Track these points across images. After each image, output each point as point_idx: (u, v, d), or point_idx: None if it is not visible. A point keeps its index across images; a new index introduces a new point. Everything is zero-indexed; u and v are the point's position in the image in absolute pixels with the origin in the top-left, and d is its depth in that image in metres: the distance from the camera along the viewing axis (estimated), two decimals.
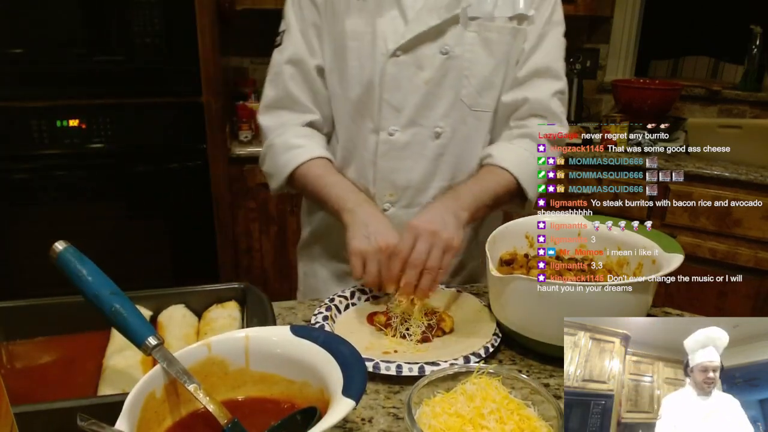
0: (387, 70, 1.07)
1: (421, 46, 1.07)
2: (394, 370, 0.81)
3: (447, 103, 1.10)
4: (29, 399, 0.71)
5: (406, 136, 1.11)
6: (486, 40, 1.08)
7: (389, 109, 1.10)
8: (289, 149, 1.12)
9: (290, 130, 1.14)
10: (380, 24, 1.07)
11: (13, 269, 2.31)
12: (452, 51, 1.07)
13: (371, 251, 0.97)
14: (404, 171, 1.13)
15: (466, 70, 1.09)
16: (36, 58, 2.16)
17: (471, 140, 1.14)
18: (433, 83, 1.08)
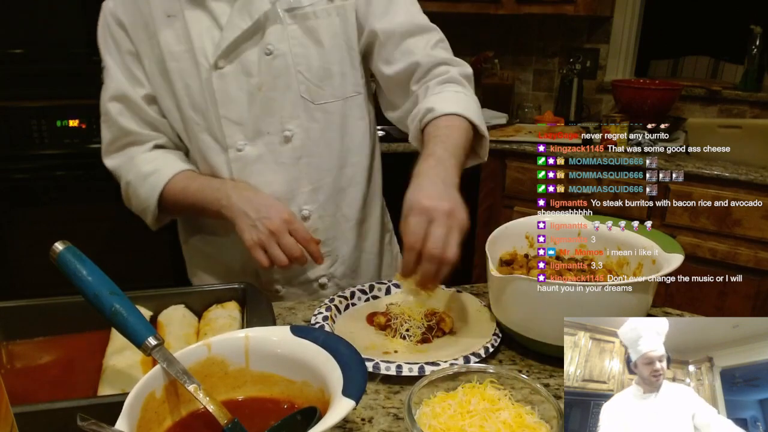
0: (214, 86, 1.02)
1: (243, 52, 1.01)
2: (394, 370, 0.81)
3: (288, 104, 1.04)
4: (29, 399, 0.72)
5: (257, 148, 1.05)
6: (309, 29, 1.03)
7: (230, 125, 1.04)
8: (146, 179, 1.07)
9: (139, 160, 1.08)
10: (196, 39, 1.01)
11: (13, 269, 2.31)
12: (276, 49, 1.02)
13: (265, 239, 0.97)
14: (265, 185, 1.06)
15: (297, 65, 1.03)
16: (36, 58, 2.16)
17: (326, 135, 1.08)
18: (266, 87, 1.03)
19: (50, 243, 0.68)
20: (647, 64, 3.45)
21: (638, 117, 2.56)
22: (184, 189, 1.06)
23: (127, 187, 1.11)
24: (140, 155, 1.09)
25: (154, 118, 1.09)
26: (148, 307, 0.86)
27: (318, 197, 1.11)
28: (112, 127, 1.10)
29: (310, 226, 1.10)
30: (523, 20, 3.03)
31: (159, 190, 1.06)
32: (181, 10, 1.01)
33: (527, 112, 3.01)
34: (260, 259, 0.98)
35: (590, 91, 2.99)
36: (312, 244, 1.01)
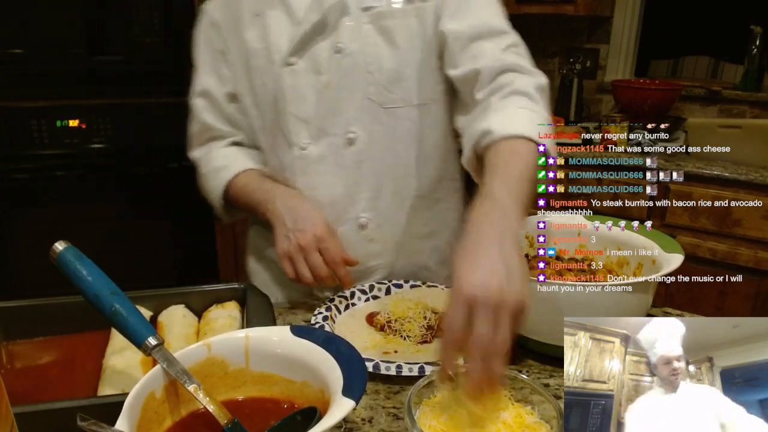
0: (285, 82, 1.02)
1: (314, 48, 1.00)
2: (394, 370, 0.81)
3: (354, 105, 1.01)
4: (29, 399, 0.72)
5: (319, 148, 1.04)
6: (384, 29, 0.99)
7: (296, 122, 1.03)
8: (216, 173, 1.11)
9: (214, 154, 1.12)
10: (273, 36, 1.01)
11: (13, 269, 2.31)
12: (347, 48, 0.99)
13: (294, 251, 0.97)
14: (324, 186, 1.05)
15: (368, 66, 1.00)
16: (36, 58, 2.16)
17: (393, 141, 1.04)
18: (334, 86, 1.01)
19: (50, 243, 0.68)
20: (647, 64, 3.45)
21: (638, 117, 2.56)
22: (244, 187, 1.08)
23: (202, 180, 1.15)
24: (216, 150, 1.13)
25: (233, 115, 1.12)
26: (148, 307, 0.86)
27: (378, 205, 1.07)
28: (196, 122, 1.14)
29: (368, 235, 1.07)
30: (523, 20, 3.03)
31: (224, 184, 1.09)
32: (264, 8, 1.03)
33: None
34: (287, 270, 0.98)
35: (590, 91, 2.99)
36: (340, 267, 0.98)
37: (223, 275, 2.52)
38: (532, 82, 0.94)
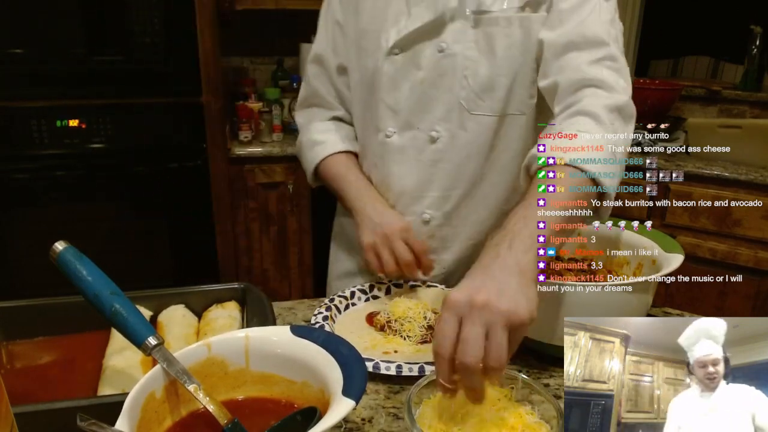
0: (384, 69, 1.05)
1: (419, 43, 1.02)
2: (394, 370, 0.81)
3: (444, 105, 1.03)
4: (29, 399, 0.71)
5: (402, 139, 1.07)
6: (489, 36, 0.98)
7: (386, 110, 1.07)
8: (312, 146, 1.17)
9: (314, 127, 1.18)
10: (387, 22, 1.04)
11: (13, 269, 2.31)
12: (449, 49, 1.00)
13: (379, 241, 1.02)
14: (399, 176, 1.09)
15: (465, 69, 1.00)
16: (36, 58, 2.16)
17: (471, 148, 1.04)
18: (428, 83, 1.03)
19: (50, 243, 0.68)
20: (647, 64, 3.45)
21: (638, 117, 2.56)
22: (337, 174, 1.14)
23: (300, 146, 1.22)
24: (317, 122, 1.19)
25: (340, 88, 1.16)
26: (148, 307, 0.86)
27: (444, 205, 1.09)
28: (307, 86, 1.20)
29: (427, 232, 1.11)
30: None
31: (317, 161, 1.16)
32: None
33: None
34: (371, 260, 1.04)
35: None
36: (425, 255, 1.04)
37: (223, 275, 2.52)
38: (607, 100, 0.88)
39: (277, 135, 2.56)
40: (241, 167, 2.45)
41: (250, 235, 2.56)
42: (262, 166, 2.46)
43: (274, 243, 2.59)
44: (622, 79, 0.92)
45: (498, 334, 0.61)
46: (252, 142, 2.52)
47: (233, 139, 2.53)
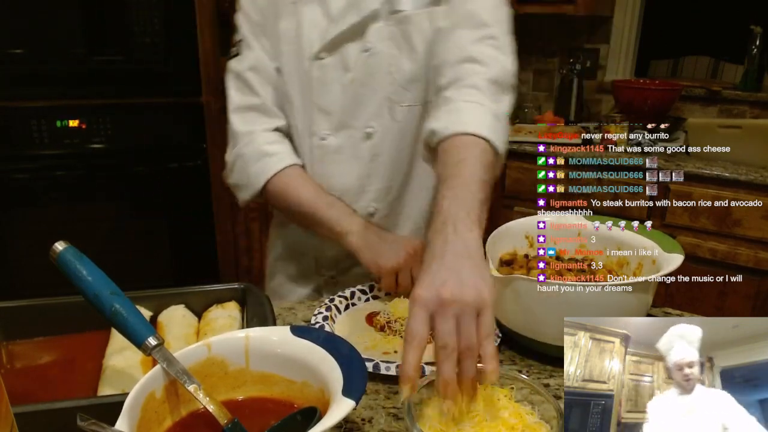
0: (313, 73, 1.06)
1: (345, 45, 1.05)
2: (394, 370, 0.81)
3: (375, 102, 1.07)
4: (29, 399, 0.71)
5: (338, 140, 1.09)
6: (406, 33, 1.04)
7: (319, 113, 1.08)
8: (261, 158, 1.09)
9: (260, 137, 1.10)
10: (306, 27, 1.05)
11: (13, 269, 2.31)
12: (374, 48, 1.04)
13: (403, 264, 1.01)
14: (339, 176, 1.10)
15: (390, 66, 1.05)
16: (36, 58, 2.16)
17: (405, 137, 1.10)
18: (358, 83, 1.06)
19: (50, 243, 0.68)
20: (647, 64, 3.45)
21: (638, 117, 2.56)
22: (299, 189, 1.08)
23: (237, 158, 1.11)
24: (261, 132, 1.11)
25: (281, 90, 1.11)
26: (148, 307, 0.86)
27: (387, 196, 1.13)
28: (244, 93, 1.11)
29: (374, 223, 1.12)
30: (523, 20, 3.03)
31: (270, 174, 1.08)
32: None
33: (527, 112, 3.01)
34: (389, 283, 1.02)
35: (590, 91, 2.99)
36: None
37: (223, 275, 2.52)
38: (488, 73, 0.92)
39: None
40: None
41: (250, 235, 2.56)
42: None
43: None
44: (503, 56, 0.96)
45: (467, 322, 0.64)
46: None
47: None
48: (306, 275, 1.22)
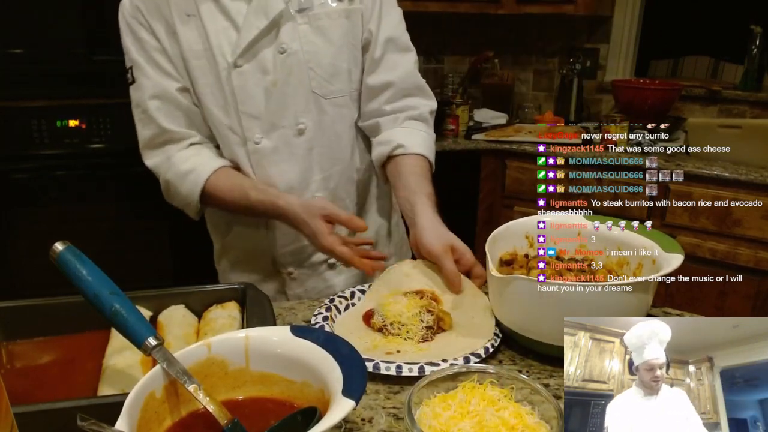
0: (234, 83, 1.07)
1: (259, 50, 1.07)
2: (394, 370, 0.81)
3: (301, 98, 1.10)
4: (29, 399, 0.72)
5: (272, 141, 1.11)
6: (319, 28, 1.09)
7: (248, 119, 1.09)
8: (185, 177, 1.11)
9: (176, 159, 1.12)
10: (213, 37, 1.05)
11: (13, 269, 2.31)
12: (289, 48, 1.07)
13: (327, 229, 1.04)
14: (281, 175, 1.13)
15: (308, 63, 1.09)
16: (36, 58, 2.16)
17: (336, 127, 1.15)
18: (281, 83, 1.08)
19: (50, 243, 0.68)
20: (647, 64, 3.46)
21: (638, 117, 2.56)
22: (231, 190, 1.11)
23: (167, 185, 1.16)
24: (177, 154, 1.13)
25: (190, 108, 1.12)
26: (148, 307, 0.86)
27: (329, 184, 1.18)
28: (150, 125, 1.13)
29: None
30: (523, 20, 3.03)
31: (200, 187, 1.11)
32: (197, 9, 1.05)
33: (527, 112, 3.01)
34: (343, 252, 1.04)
35: (590, 91, 2.99)
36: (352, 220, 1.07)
37: None
38: (430, 107, 1.21)
39: None
40: None
41: None
42: None
43: None
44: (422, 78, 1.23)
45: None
46: None
47: None
48: (266, 276, 1.24)
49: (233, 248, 1.27)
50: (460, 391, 0.69)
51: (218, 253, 1.32)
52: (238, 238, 1.24)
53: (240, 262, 1.27)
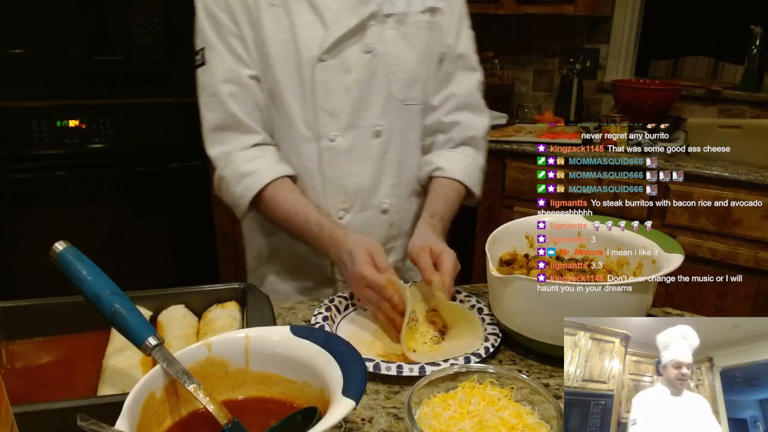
0: (316, 77, 1.06)
1: (345, 48, 1.07)
2: (395, 370, 0.81)
3: (381, 100, 1.10)
4: (29, 399, 0.72)
5: (348, 140, 1.10)
6: (404, 34, 1.09)
7: (325, 116, 1.08)
8: (241, 179, 1.08)
9: (237, 158, 1.09)
10: (299, 30, 1.05)
11: (13, 269, 2.31)
12: (375, 49, 1.08)
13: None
14: (352, 175, 1.12)
15: (392, 66, 1.09)
16: (36, 58, 2.16)
17: (409, 134, 1.16)
18: (363, 83, 1.08)
19: (50, 243, 0.68)
20: (647, 64, 3.46)
21: (638, 117, 2.56)
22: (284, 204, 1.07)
23: (220, 181, 1.12)
24: (239, 153, 1.09)
25: (259, 99, 1.10)
26: (148, 307, 0.86)
27: (398, 192, 1.17)
28: (217, 110, 1.09)
29: (389, 220, 1.17)
30: (523, 20, 3.03)
31: (255, 192, 1.08)
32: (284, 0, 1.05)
33: (527, 112, 3.01)
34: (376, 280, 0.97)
35: (590, 91, 2.99)
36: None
37: (223, 275, 2.52)
38: (484, 126, 1.20)
39: None
40: None
41: None
42: None
43: None
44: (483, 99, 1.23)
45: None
46: None
47: None
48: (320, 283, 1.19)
49: (281, 251, 1.20)
50: (460, 391, 0.69)
51: (258, 255, 1.24)
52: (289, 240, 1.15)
53: (288, 268, 1.21)
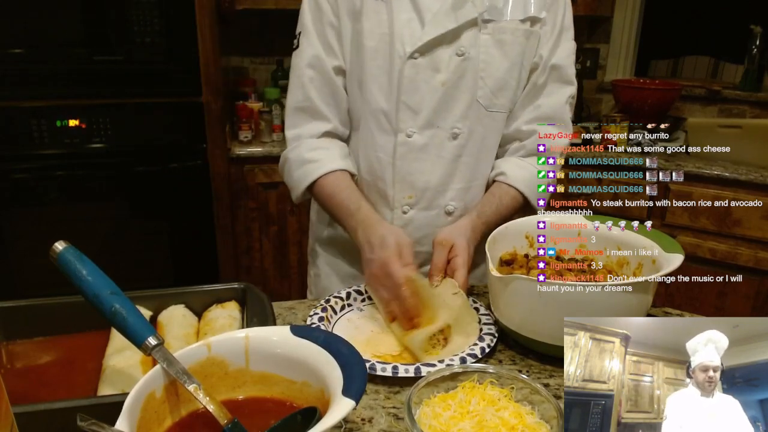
0: (405, 73, 1.08)
1: (438, 48, 1.07)
2: (390, 371, 0.81)
3: (464, 104, 1.10)
4: (29, 399, 0.72)
5: (424, 138, 1.11)
6: (500, 41, 1.09)
7: (407, 111, 1.10)
8: (302, 164, 1.13)
9: (304, 144, 1.14)
10: (397, 25, 1.07)
11: (13, 269, 2.31)
12: (467, 53, 1.08)
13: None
14: (423, 173, 1.13)
15: (481, 71, 1.09)
16: (36, 58, 2.16)
17: (487, 141, 1.15)
18: (449, 85, 1.09)
19: (50, 243, 0.68)
20: (647, 64, 3.45)
21: (638, 117, 2.56)
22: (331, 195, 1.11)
23: (285, 162, 1.18)
24: (307, 139, 1.15)
25: (338, 90, 1.14)
26: (148, 307, 0.86)
27: (466, 196, 1.16)
28: (298, 91, 1.15)
29: (450, 221, 1.16)
30: None
31: (310, 180, 1.12)
32: None
33: None
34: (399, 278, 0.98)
35: (590, 91, 2.99)
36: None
37: (223, 275, 2.52)
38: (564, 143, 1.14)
39: (277, 135, 2.56)
40: (241, 167, 2.45)
41: (250, 235, 2.56)
42: (262, 166, 2.47)
43: (274, 243, 2.60)
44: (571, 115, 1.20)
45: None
46: (252, 142, 2.52)
47: (233, 139, 2.53)
48: (341, 260, 1.25)
49: (341, 238, 1.23)
50: (460, 391, 0.69)
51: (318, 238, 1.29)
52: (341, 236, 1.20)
53: (346, 254, 1.24)
